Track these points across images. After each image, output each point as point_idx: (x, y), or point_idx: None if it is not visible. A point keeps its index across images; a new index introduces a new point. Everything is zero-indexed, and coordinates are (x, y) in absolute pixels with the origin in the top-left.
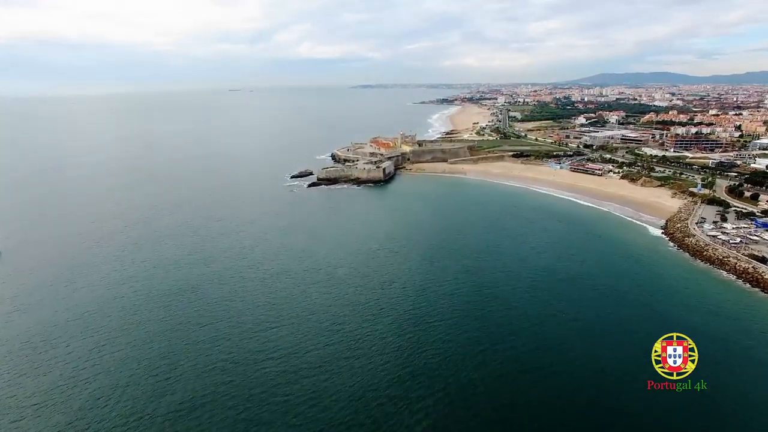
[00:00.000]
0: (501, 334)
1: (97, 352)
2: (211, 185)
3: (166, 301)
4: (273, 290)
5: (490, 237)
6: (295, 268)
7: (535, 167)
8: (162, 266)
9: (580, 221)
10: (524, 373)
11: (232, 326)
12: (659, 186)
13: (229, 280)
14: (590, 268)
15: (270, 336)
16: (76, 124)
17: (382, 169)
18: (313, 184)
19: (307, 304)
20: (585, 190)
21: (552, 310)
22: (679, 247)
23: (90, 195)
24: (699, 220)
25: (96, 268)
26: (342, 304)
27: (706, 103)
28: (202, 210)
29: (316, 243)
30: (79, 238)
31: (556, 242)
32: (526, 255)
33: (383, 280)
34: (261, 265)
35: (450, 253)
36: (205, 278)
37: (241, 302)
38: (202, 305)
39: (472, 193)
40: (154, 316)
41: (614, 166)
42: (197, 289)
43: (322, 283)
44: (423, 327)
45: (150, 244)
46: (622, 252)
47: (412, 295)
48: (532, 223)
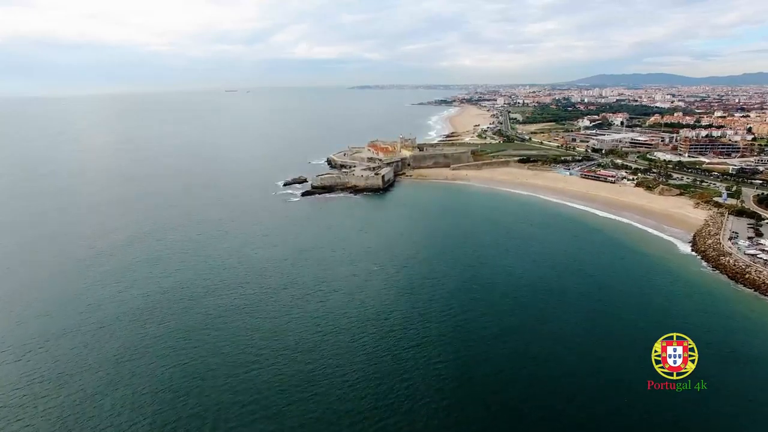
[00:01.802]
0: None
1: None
2: (194, 194)
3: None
4: (252, 321)
5: (502, 256)
6: (280, 295)
7: (543, 173)
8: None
9: (600, 236)
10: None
11: (192, 378)
12: (678, 195)
13: (193, 317)
14: (620, 295)
15: (245, 380)
16: (57, 127)
17: (381, 177)
18: (306, 193)
19: (292, 340)
20: (600, 200)
21: (586, 348)
22: (715, 267)
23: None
24: (731, 234)
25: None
26: (332, 342)
27: (708, 104)
28: (178, 225)
29: (306, 262)
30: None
31: (576, 261)
32: (545, 279)
33: (381, 308)
34: (239, 290)
35: (458, 277)
36: (166, 312)
37: (207, 349)
38: (158, 345)
39: (479, 204)
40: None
41: (628, 172)
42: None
43: (311, 313)
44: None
45: (101, 269)
46: (652, 275)
47: (416, 327)
48: (548, 239)
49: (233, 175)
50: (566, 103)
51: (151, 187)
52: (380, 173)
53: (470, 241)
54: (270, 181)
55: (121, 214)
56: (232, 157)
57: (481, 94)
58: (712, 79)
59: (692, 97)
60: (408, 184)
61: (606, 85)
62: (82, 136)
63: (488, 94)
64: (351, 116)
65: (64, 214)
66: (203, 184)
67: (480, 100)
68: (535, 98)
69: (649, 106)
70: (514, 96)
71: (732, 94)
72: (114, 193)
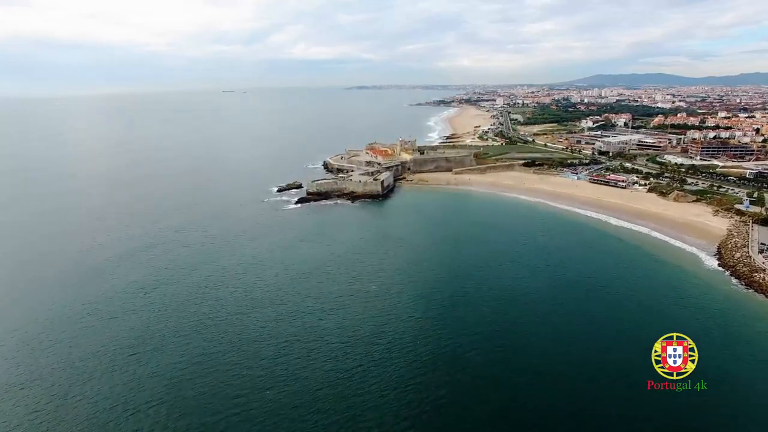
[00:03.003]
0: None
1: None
2: (179, 204)
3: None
4: (232, 348)
5: (514, 271)
6: (267, 317)
7: (550, 178)
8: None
9: (617, 247)
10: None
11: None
12: (695, 201)
13: (168, 341)
14: (649, 313)
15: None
16: (48, 128)
17: (380, 182)
18: (301, 200)
19: (277, 374)
20: (612, 207)
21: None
22: (748, 285)
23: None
24: (760, 247)
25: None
26: (323, 378)
27: (710, 104)
28: (159, 233)
29: (297, 280)
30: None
31: (594, 276)
32: (564, 299)
33: (381, 332)
34: (222, 311)
35: (468, 296)
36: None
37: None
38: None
39: (485, 212)
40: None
41: (639, 177)
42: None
43: (300, 340)
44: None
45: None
46: (679, 295)
47: (422, 357)
48: (561, 251)
49: (225, 180)
50: (566, 103)
51: (132, 196)
52: (379, 178)
53: (477, 253)
54: (263, 186)
55: (89, 234)
56: (224, 161)
57: (479, 94)
58: (709, 80)
59: (693, 98)
60: (408, 190)
61: (604, 85)
62: (69, 137)
63: (487, 95)
64: (349, 117)
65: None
66: (191, 192)
67: (479, 101)
68: (535, 98)
69: (650, 107)
70: (513, 96)
71: (732, 94)
72: (83, 208)
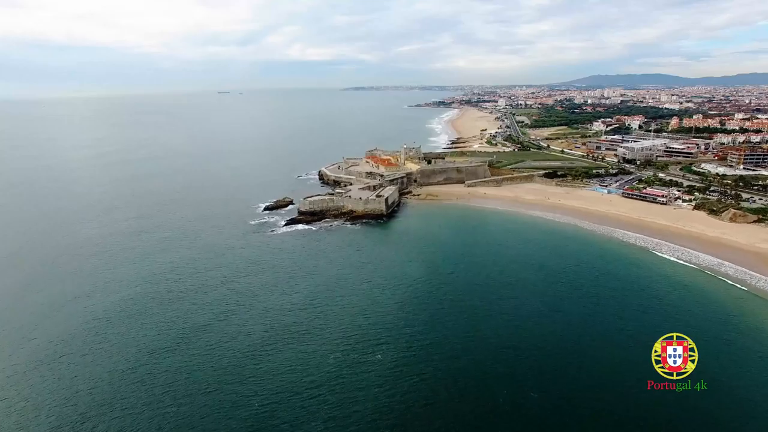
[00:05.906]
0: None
1: None
2: (148, 225)
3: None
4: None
5: (554, 322)
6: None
7: (576, 191)
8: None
9: (684, 295)
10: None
11: None
12: (756, 222)
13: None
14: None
15: None
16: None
17: (383, 200)
18: (291, 221)
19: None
20: (658, 229)
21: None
22: None
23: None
24: None
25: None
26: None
27: (718, 105)
28: (116, 266)
29: (282, 336)
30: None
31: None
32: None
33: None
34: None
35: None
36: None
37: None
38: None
39: (508, 236)
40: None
41: (681, 191)
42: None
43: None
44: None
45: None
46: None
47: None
48: (606, 290)
49: (206, 197)
50: (570, 104)
51: (96, 217)
52: (383, 195)
53: (508, 294)
54: (250, 202)
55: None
56: (209, 173)
57: (479, 95)
58: (708, 80)
59: (698, 98)
60: (416, 207)
61: (602, 85)
62: (41, 144)
63: (486, 96)
64: (346, 119)
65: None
66: (166, 209)
67: (480, 102)
68: (537, 100)
69: (658, 108)
70: (514, 97)
71: (737, 95)
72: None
